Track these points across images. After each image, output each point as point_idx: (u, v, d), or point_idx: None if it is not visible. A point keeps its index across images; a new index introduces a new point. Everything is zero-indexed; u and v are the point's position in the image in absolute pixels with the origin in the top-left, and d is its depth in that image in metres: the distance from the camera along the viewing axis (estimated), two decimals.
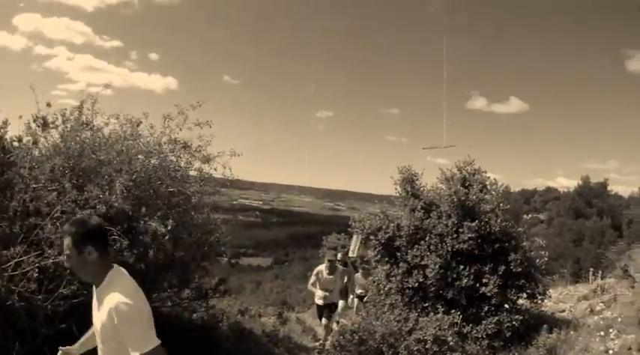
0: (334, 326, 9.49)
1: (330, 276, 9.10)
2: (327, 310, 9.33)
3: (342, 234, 19.72)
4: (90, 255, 2.61)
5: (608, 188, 57.47)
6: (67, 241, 2.63)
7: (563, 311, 10.13)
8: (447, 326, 7.17)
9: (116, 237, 5.69)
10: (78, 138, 6.41)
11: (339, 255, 10.49)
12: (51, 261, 5.07)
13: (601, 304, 9.34)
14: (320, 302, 9.33)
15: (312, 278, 9.47)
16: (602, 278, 12.52)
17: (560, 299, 11.40)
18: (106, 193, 5.95)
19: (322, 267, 9.27)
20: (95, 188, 5.91)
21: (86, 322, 5.59)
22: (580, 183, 57.11)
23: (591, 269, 13.68)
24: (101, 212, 5.72)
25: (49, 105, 6.19)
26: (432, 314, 7.61)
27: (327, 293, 9.19)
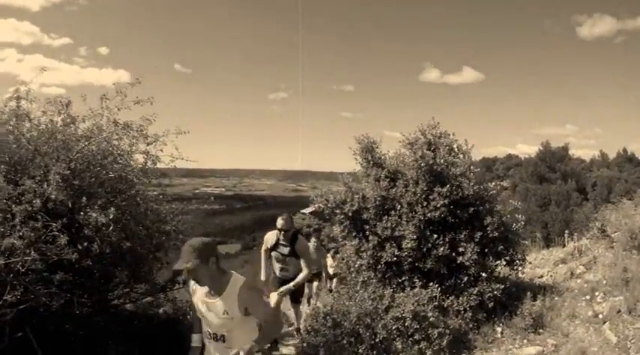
0: (306, 308, 9.01)
1: (285, 243, 7.00)
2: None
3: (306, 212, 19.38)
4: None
5: (569, 152, 58.46)
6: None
7: (542, 276, 9.94)
8: (425, 301, 6.79)
9: (55, 232, 5.17)
10: (12, 129, 5.94)
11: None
12: None
13: (581, 267, 9.15)
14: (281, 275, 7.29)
15: (263, 247, 7.33)
16: (573, 240, 12.27)
17: (536, 264, 11.22)
18: (43, 185, 5.39)
19: (273, 234, 7.16)
20: (29, 180, 5.34)
21: (45, 329, 5.12)
22: (541, 148, 57.61)
23: (566, 231, 13.48)
24: (37, 207, 5.18)
25: None
26: (408, 289, 7.19)
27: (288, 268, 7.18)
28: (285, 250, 7.02)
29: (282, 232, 6.93)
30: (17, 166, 5.79)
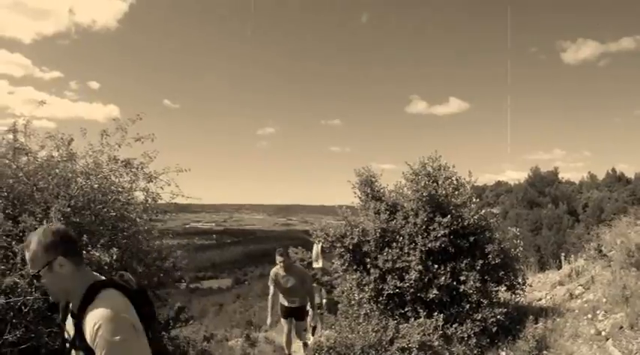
0: (309, 338, 9.01)
1: (287, 276, 7.86)
2: (293, 316, 8.26)
3: (299, 247, 19.30)
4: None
5: (559, 176, 58.81)
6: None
7: (541, 299, 9.91)
8: (431, 331, 6.72)
9: None
10: (9, 162, 5.91)
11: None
12: None
13: (579, 287, 9.15)
14: (286, 303, 8.20)
15: (271, 289, 8.11)
16: (569, 262, 12.33)
17: (534, 288, 11.17)
18: (43, 222, 5.35)
19: (276, 269, 7.97)
20: (30, 217, 5.30)
21: None
22: (530, 174, 57.95)
23: (562, 253, 13.56)
24: None
25: None
26: (412, 319, 7.15)
27: (294, 299, 8.08)
28: (290, 282, 7.81)
29: (283, 267, 7.72)
30: (16, 201, 5.74)
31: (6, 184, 5.74)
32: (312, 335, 10.29)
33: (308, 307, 8.76)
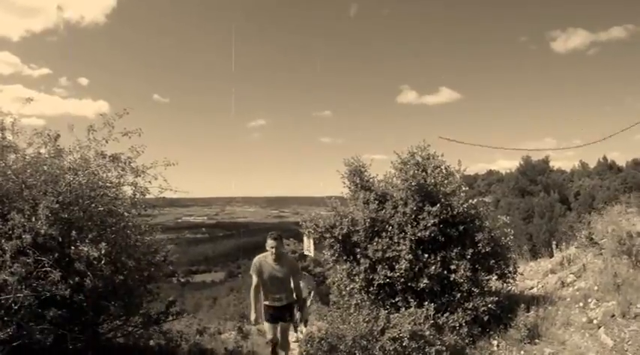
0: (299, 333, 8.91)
1: (277, 266, 6.53)
2: (280, 318, 6.78)
3: (291, 239, 19.26)
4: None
5: (550, 164, 58.90)
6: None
7: (532, 288, 9.96)
8: (422, 320, 6.72)
9: (47, 268, 5.12)
10: None
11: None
12: None
13: (571, 275, 9.20)
14: (270, 301, 6.72)
15: (254, 279, 6.60)
16: (561, 250, 12.39)
17: (526, 276, 11.22)
18: (32, 219, 5.34)
19: (263, 256, 6.62)
20: (18, 215, 5.28)
21: None
22: (521, 162, 57.97)
23: (553, 242, 13.62)
24: (27, 242, 5.13)
25: None
26: (403, 309, 7.15)
27: (280, 296, 6.66)
28: (280, 273, 6.53)
29: (275, 254, 6.45)
30: (4, 199, 5.75)
31: None
32: (305, 326, 10.31)
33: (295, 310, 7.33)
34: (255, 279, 6.59)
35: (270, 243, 6.44)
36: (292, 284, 6.79)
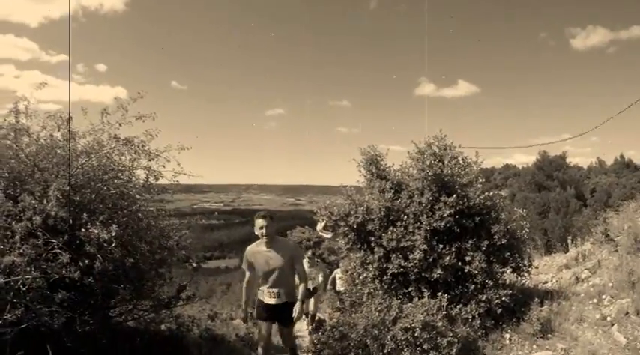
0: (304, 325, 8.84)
1: (269, 253, 5.73)
2: (277, 318, 6.02)
3: (306, 226, 19.24)
4: None
5: (567, 160, 58.56)
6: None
7: (546, 282, 9.91)
8: (434, 311, 6.66)
9: (57, 250, 5.10)
10: (11, 144, 5.93)
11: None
12: None
13: (586, 271, 9.12)
14: (265, 298, 5.91)
15: (247, 274, 6.02)
16: (576, 245, 12.30)
17: (540, 270, 11.16)
18: (44, 201, 5.31)
19: (254, 246, 5.88)
20: (29, 197, 5.26)
21: (47, 348, 5.01)
22: (538, 157, 57.62)
23: (569, 237, 13.49)
24: (37, 224, 5.11)
25: None
26: (416, 299, 7.08)
27: (278, 290, 5.81)
28: (275, 260, 5.70)
29: (266, 236, 5.61)
30: (17, 182, 5.74)
31: (7, 165, 5.73)
32: (312, 323, 10.26)
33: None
34: (247, 274, 6.02)
35: (258, 222, 5.60)
36: (295, 275, 5.91)
